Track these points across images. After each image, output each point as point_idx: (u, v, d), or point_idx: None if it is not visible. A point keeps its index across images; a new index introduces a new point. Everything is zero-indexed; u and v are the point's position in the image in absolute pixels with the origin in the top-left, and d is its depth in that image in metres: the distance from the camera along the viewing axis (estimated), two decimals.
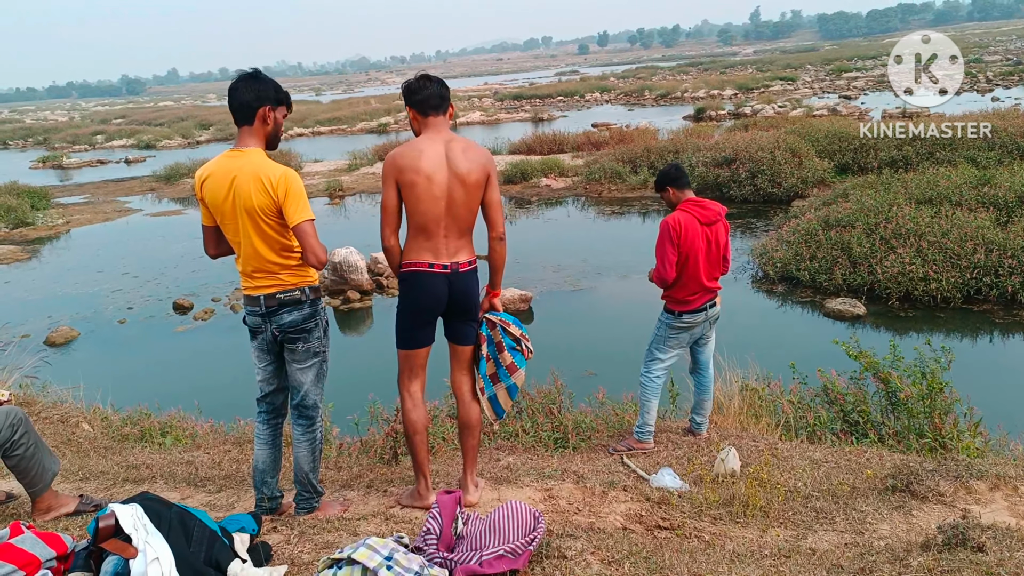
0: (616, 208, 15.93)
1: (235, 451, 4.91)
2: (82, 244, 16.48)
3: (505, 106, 48.63)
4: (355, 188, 20.69)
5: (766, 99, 34.51)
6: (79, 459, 4.62)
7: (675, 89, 46.08)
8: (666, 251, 4.27)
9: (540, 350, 8.74)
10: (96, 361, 9.34)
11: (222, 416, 6.13)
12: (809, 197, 14.01)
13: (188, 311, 11.01)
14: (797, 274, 9.94)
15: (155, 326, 10.55)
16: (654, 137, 21.58)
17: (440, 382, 5.56)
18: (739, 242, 12.19)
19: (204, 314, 10.75)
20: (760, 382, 5.49)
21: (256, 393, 3.34)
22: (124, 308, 11.39)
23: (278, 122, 3.13)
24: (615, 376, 6.81)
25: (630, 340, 7.88)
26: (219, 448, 4.99)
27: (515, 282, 10.84)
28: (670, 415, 5.35)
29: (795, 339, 8.40)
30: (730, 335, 6.35)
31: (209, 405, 6.52)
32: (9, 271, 14.27)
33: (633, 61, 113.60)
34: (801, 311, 9.27)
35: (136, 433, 5.49)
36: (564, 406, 5.30)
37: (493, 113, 42.11)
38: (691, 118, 31.19)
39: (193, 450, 4.96)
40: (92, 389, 6.19)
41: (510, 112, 43.18)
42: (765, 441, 4.58)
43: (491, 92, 61.07)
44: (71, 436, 5.12)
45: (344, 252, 11.19)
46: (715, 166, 15.67)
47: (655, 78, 60.47)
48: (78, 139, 43.91)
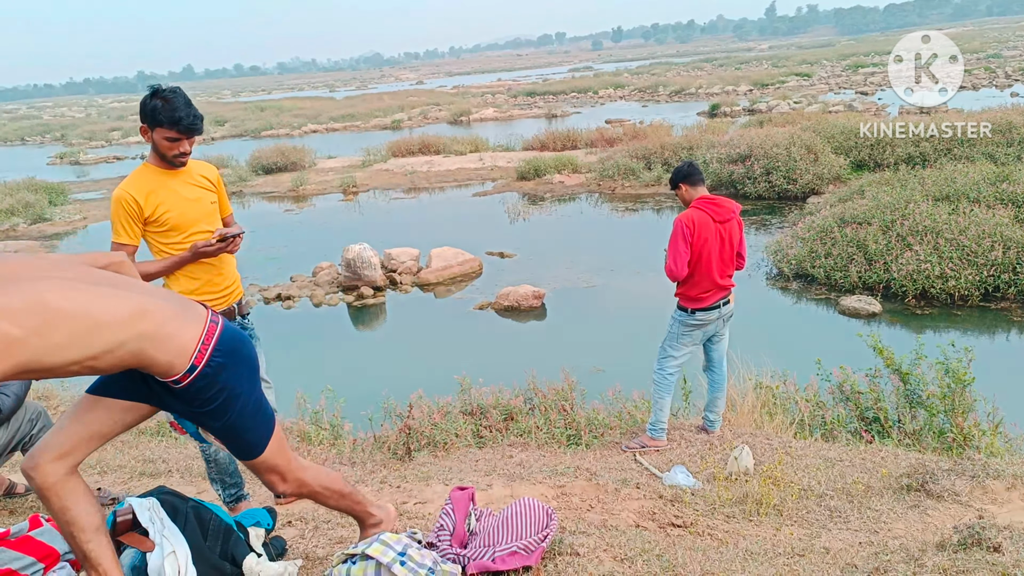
0: (630, 205, 15.88)
1: None
2: (100, 239, 16.61)
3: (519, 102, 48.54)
4: (369, 184, 20.75)
5: (781, 95, 34.26)
6: (96, 453, 4.66)
7: (689, 85, 45.82)
8: (679, 248, 4.26)
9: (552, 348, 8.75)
10: None
11: None
12: (824, 194, 13.89)
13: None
14: (812, 271, 9.87)
15: None
16: (668, 133, 21.48)
17: (451, 378, 5.59)
18: (754, 239, 12.12)
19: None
20: (774, 380, 5.46)
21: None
22: None
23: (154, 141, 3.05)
24: (628, 373, 6.80)
25: (643, 337, 7.87)
26: None
27: (528, 279, 10.84)
28: (683, 413, 5.34)
29: (810, 337, 8.34)
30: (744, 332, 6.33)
31: None
32: None
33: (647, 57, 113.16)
34: (816, 308, 9.21)
35: (152, 427, 5.54)
36: (577, 403, 5.30)
37: (507, 109, 42.07)
38: (705, 114, 31.01)
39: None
40: None
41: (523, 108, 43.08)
42: (779, 439, 4.56)
43: (505, 88, 60.95)
44: None
45: (358, 248, 11.23)
46: (730, 163, 15.57)
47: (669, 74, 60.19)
48: (95, 135, 44.29)
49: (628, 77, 59.89)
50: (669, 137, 20.14)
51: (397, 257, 11.96)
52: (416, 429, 4.77)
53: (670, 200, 15.58)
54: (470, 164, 22.13)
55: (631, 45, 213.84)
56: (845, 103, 28.34)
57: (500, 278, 11.31)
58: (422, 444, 4.71)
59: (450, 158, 23.28)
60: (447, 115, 40.70)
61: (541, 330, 9.42)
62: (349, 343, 9.49)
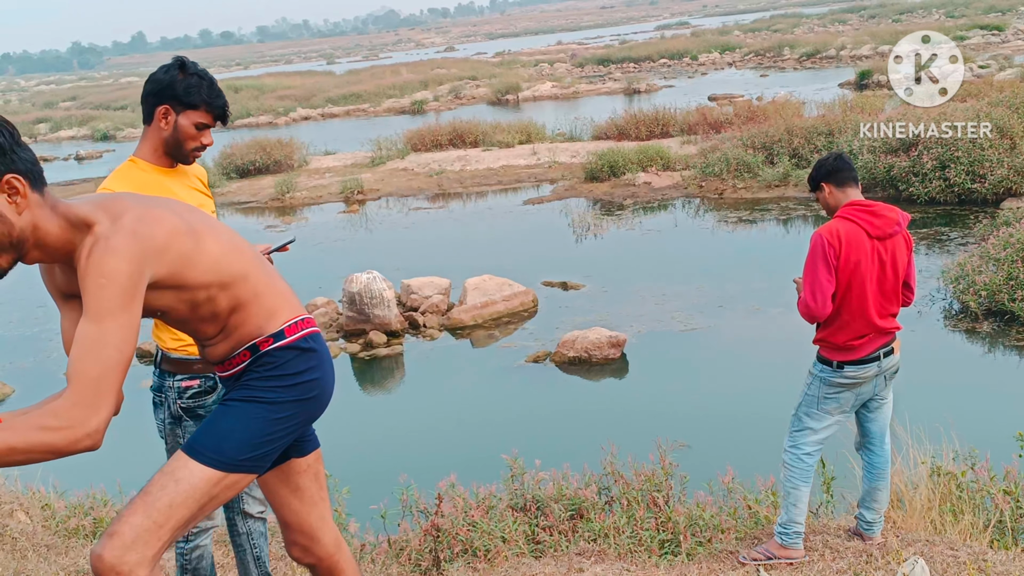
0: (744, 214, 15.79)
1: (218, 553, 5.01)
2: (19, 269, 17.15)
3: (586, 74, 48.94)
4: (380, 190, 21.10)
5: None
6: (14, 560, 4.78)
7: (827, 46, 45.58)
8: (819, 276, 4.22)
9: (638, 415, 8.71)
10: None
11: None
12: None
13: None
14: (1011, 307, 9.67)
15: None
16: (798, 113, 21.35)
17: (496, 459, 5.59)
18: (924, 261, 11.94)
19: None
20: (958, 463, 5.33)
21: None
22: None
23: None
24: (745, 452, 6.70)
25: (768, 402, 7.74)
26: None
27: (601, 320, 10.83)
28: (827, 510, 5.24)
29: (1009, 401, 8.14)
30: (914, 395, 6.17)
31: None
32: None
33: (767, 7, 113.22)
34: (1018, 360, 9.03)
35: (88, 526, 5.66)
36: (675, 495, 5.24)
37: (570, 84, 42.44)
38: (851, 86, 30.78)
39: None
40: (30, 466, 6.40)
41: (593, 82, 43.43)
42: (968, 549, 4.44)
43: (567, 55, 61.57)
44: (3, 529, 5.31)
45: (365, 279, 11.38)
46: (888, 153, 15.45)
47: (798, 30, 59.98)
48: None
49: (740, 36, 59.90)
50: (799, 118, 20.02)
51: (419, 290, 12.08)
52: (447, 531, 4.76)
53: (804, 206, 15.46)
54: (520, 160, 22.35)
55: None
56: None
57: (563, 318, 11.33)
58: (455, 552, 4.70)
59: (492, 152, 23.56)
60: (487, 93, 41.26)
61: (621, 391, 9.37)
62: (354, 410, 9.57)
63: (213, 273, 2.58)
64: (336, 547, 3.05)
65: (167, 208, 2.56)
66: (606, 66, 51.65)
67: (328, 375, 2.86)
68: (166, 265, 2.44)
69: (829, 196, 4.40)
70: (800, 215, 15.15)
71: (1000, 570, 4.18)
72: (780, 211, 15.68)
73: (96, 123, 43.99)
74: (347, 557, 3.11)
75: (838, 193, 4.38)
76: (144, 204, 2.52)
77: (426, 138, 25.29)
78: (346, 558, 3.10)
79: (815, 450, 4.49)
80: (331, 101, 43.21)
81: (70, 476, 6.86)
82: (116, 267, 2.30)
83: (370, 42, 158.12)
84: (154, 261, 2.40)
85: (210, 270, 2.57)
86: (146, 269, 2.37)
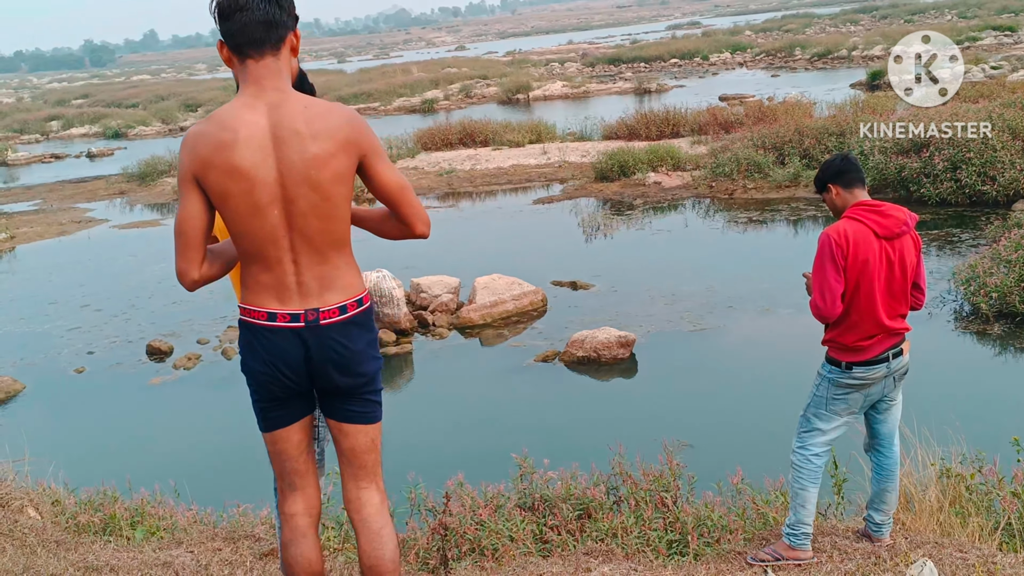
0: (754, 214, 15.77)
1: (227, 550, 5.01)
2: (30, 266, 17.28)
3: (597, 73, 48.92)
4: None
5: (973, 58, 33.73)
6: (23, 556, 4.79)
7: (839, 46, 45.51)
8: (827, 276, 4.21)
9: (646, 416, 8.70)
10: (46, 424, 9.72)
11: (210, 500, 6.28)
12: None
13: (166, 356, 11.40)
14: (1022, 309, 9.64)
15: (123, 377, 10.94)
16: (809, 114, 21.31)
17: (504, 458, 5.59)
18: (935, 262, 11.93)
19: (187, 361, 11.10)
20: (967, 466, 5.31)
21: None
22: (83, 352, 11.87)
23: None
24: (754, 451, 6.69)
25: (776, 403, 7.73)
26: (206, 545, 5.10)
27: (611, 319, 10.82)
28: (835, 511, 5.24)
29: (1020, 403, 8.12)
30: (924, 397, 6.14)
31: (194, 486, 6.69)
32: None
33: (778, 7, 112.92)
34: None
35: (97, 522, 5.67)
36: (683, 495, 5.24)
37: (580, 83, 42.47)
38: (863, 86, 30.70)
39: (172, 547, 5.09)
40: (41, 462, 6.43)
41: (604, 82, 43.43)
42: (976, 551, 4.43)
43: (578, 54, 61.56)
44: (13, 525, 5.32)
45: (374, 278, 11.40)
46: (898, 154, 15.40)
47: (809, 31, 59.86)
48: (27, 127, 46.36)
49: (751, 36, 59.85)
50: (810, 119, 19.99)
51: (429, 290, 12.11)
52: (455, 529, 4.77)
53: (815, 207, 15.43)
54: (530, 159, 22.37)
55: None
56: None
57: (572, 318, 11.33)
58: (463, 551, 4.71)
59: (502, 151, 23.60)
60: (498, 92, 41.36)
61: (630, 391, 9.36)
62: None
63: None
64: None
65: None
66: (617, 66, 51.69)
67: (249, 356, 3.02)
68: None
69: (836, 197, 4.39)
70: (810, 216, 15.11)
71: (1009, 573, 4.16)
72: (790, 212, 15.65)
73: (108, 121, 44.18)
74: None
75: (845, 194, 4.37)
76: None
77: (436, 137, 25.35)
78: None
79: (823, 451, 4.48)
80: (342, 100, 43.24)
81: (80, 473, 6.89)
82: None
83: (381, 41, 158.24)
84: None
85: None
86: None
